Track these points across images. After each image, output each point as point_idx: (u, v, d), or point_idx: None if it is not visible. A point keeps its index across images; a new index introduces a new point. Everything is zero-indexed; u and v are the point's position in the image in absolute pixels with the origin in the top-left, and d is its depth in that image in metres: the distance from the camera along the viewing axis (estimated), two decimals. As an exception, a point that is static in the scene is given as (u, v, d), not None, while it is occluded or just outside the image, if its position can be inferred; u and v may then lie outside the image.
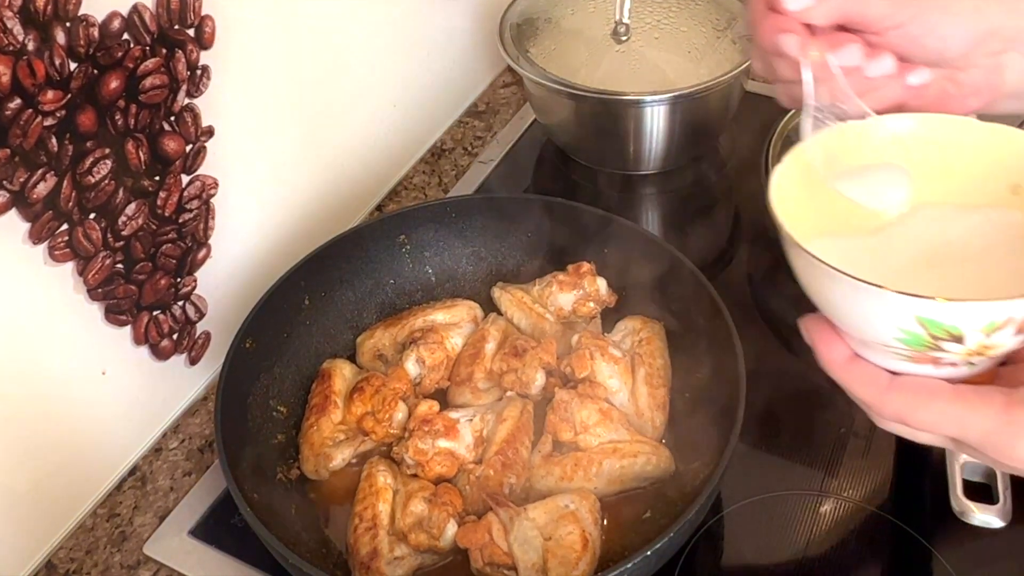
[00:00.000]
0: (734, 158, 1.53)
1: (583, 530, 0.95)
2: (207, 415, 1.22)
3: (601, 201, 1.23)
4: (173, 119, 1.02)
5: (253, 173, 1.19)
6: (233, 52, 1.08)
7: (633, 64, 1.42)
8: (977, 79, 0.76)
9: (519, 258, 1.26)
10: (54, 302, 0.99)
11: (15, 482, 1.02)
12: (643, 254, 1.16)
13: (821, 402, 1.16)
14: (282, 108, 1.21)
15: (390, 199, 1.50)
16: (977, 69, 0.75)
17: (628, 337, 1.14)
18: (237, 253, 1.21)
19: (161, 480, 1.16)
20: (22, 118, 0.86)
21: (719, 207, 1.49)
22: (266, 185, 1.23)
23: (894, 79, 0.75)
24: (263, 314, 1.11)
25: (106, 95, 0.93)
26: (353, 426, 1.08)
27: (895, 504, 1.05)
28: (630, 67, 1.41)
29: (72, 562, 1.08)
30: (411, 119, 1.52)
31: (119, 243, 1.01)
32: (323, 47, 1.25)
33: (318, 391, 1.12)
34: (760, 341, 1.22)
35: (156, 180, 1.03)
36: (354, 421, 1.07)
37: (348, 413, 1.09)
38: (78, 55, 0.89)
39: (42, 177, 0.90)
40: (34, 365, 1.00)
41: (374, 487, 1.02)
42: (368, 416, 1.06)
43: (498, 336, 1.16)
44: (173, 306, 1.13)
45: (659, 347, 1.12)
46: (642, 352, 1.11)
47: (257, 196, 1.22)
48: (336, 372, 1.13)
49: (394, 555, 0.97)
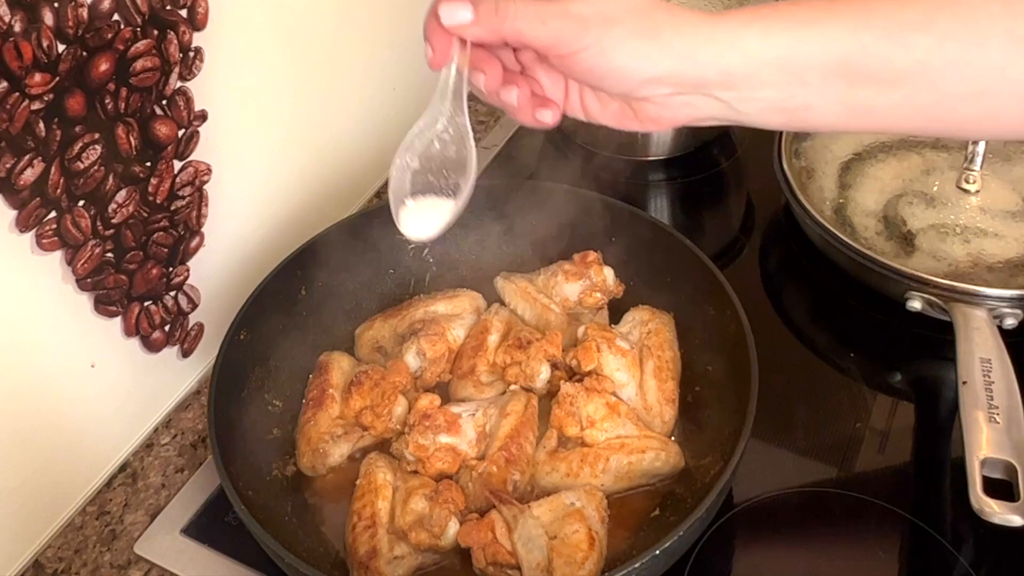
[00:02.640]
0: (746, 142, 1.52)
1: (589, 529, 0.94)
2: (200, 409, 1.22)
3: (607, 188, 1.23)
4: (165, 103, 1.02)
5: (248, 159, 1.19)
6: (227, 33, 1.07)
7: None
8: (651, 111, 0.81)
9: (523, 247, 1.26)
10: (42, 292, 0.99)
11: (1, 479, 1.02)
12: (652, 243, 1.16)
13: (836, 396, 1.17)
14: (278, 91, 1.21)
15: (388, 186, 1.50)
16: (651, 104, 0.80)
17: (636, 328, 1.14)
18: (231, 242, 1.21)
19: (152, 477, 1.15)
20: (8, 102, 0.85)
21: (730, 194, 1.49)
22: (261, 171, 1.23)
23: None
24: (258, 304, 1.11)
25: (95, 78, 0.93)
26: (351, 420, 1.08)
27: (913, 502, 1.05)
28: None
29: (60, 561, 1.08)
30: (412, 101, 1.51)
31: (109, 231, 1.01)
32: (321, 28, 1.25)
33: (315, 384, 1.12)
34: (773, 333, 1.23)
35: (147, 166, 1.03)
36: (352, 415, 1.07)
37: (346, 407, 1.09)
38: (67, 37, 0.89)
39: (29, 163, 0.89)
40: (21, 357, 1.00)
41: (373, 484, 1.01)
42: (367, 410, 1.06)
43: (501, 327, 1.16)
44: (165, 296, 1.12)
45: (668, 339, 1.12)
46: (651, 344, 1.11)
47: (252, 182, 1.22)
48: (334, 365, 1.13)
49: (393, 554, 0.97)
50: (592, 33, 0.77)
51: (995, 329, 1.08)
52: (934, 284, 1.13)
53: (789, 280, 1.34)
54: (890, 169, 1.33)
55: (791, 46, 0.79)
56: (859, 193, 1.31)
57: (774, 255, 1.37)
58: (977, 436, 0.97)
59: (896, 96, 0.80)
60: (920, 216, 1.27)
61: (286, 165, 1.28)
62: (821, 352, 1.25)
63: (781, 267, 1.35)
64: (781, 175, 1.27)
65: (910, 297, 1.15)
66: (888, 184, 1.31)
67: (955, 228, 1.25)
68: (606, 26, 0.78)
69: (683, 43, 0.79)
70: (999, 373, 1.02)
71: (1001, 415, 0.98)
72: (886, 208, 1.29)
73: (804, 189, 1.27)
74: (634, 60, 0.78)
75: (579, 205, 1.20)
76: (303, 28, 1.22)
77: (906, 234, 1.25)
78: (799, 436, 1.12)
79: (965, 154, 1.26)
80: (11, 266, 0.95)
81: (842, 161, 1.34)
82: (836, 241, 1.19)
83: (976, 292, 1.11)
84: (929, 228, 1.25)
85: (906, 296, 1.16)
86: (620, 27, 0.78)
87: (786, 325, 1.27)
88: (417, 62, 1.45)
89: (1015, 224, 1.24)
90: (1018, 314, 1.10)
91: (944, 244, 1.23)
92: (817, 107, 0.81)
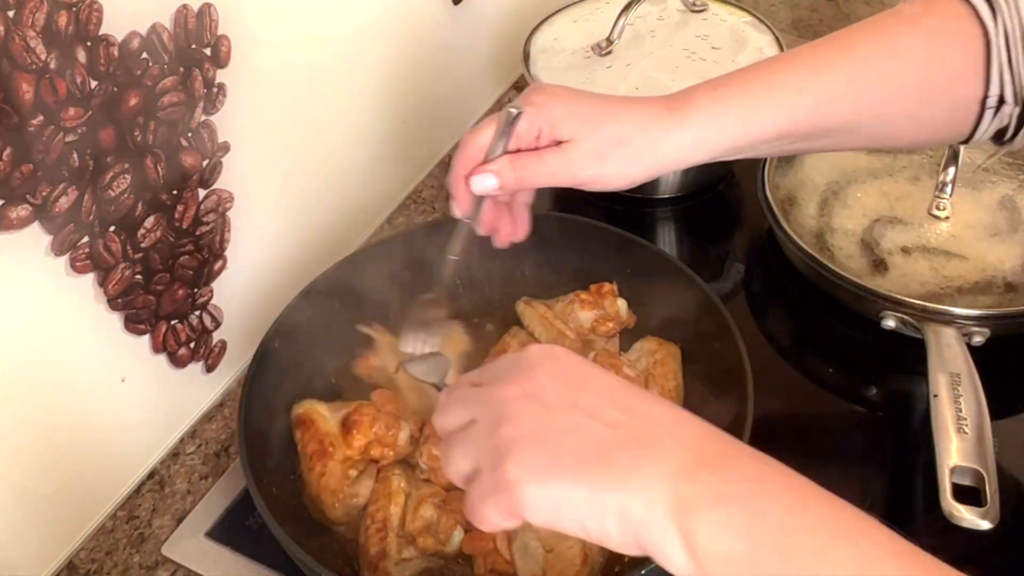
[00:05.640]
0: (749, 181, 1.52)
1: (584, 545, 0.95)
2: (223, 421, 1.22)
3: (614, 221, 1.22)
4: (190, 135, 1.03)
5: (267, 187, 1.20)
6: (248, 70, 1.08)
7: (650, 88, 1.40)
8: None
9: (542, 274, 1.25)
10: (75, 312, 1.00)
11: (38, 485, 1.02)
12: (663, 277, 1.15)
13: (816, 409, 1.17)
14: (295, 124, 1.22)
15: (399, 212, 1.51)
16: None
17: (644, 358, 1.13)
18: (252, 264, 1.21)
19: (179, 483, 1.16)
20: (45, 134, 0.86)
21: (736, 230, 1.48)
22: (280, 199, 1.24)
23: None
24: (293, 314, 1.11)
25: (126, 112, 0.93)
26: (360, 458, 1.06)
27: (887, 507, 1.06)
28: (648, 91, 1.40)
29: (93, 563, 1.09)
30: (421, 134, 1.52)
31: (138, 255, 1.01)
32: (335, 65, 1.26)
33: (307, 439, 1.06)
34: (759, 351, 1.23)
35: (174, 194, 1.03)
36: (358, 454, 1.05)
37: (349, 448, 1.05)
38: (99, 73, 0.90)
39: (64, 191, 0.90)
40: (56, 372, 1.00)
41: (388, 490, 1.02)
42: (374, 444, 1.05)
43: (518, 349, 1.15)
44: (190, 315, 1.13)
45: (673, 369, 1.12)
46: (656, 373, 1.10)
47: (271, 209, 1.22)
48: (316, 415, 1.08)
49: (402, 556, 0.97)
50: (590, 170, 0.91)
51: (964, 346, 1.08)
52: (907, 304, 1.13)
53: (772, 301, 1.34)
54: (868, 196, 1.33)
55: (740, 136, 0.92)
56: (838, 219, 1.31)
57: (759, 278, 1.37)
58: (947, 446, 0.98)
59: (824, 142, 0.95)
60: (895, 240, 1.27)
61: (303, 192, 1.28)
62: (802, 368, 1.25)
63: (765, 289, 1.36)
64: (765, 203, 1.27)
65: (885, 316, 1.15)
66: (866, 210, 1.32)
67: (927, 251, 1.25)
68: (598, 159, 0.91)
69: (652, 152, 0.91)
70: (968, 387, 1.02)
71: (969, 426, 0.99)
72: (863, 232, 1.29)
73: (786, 215, 1.28)
74: (619, 177, 0.92)
75: (597, 237, 1.20)
76: (318, 65, 1.22)
77: (881, 257, 1.25)
78: (782, 448, 1.11)
79: (936, 183, 1.27)
80: (47, 287, 0.96)
81: (823, 189, 1.35)
82: (816, 264, 1.19)
83: (946, 311, 1.11)
84: (903, 251, 1.26)
85: (881, 315, 1.16)
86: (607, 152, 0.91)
87: (770, 343, 1.27)
88: (425, 98, 1.47)
89: (982, 248, 1.25)
90: (985, 332, 1.10)
91: (916, 266, 1.24)
92: (758, 155, 0.96)
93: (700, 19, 1.48)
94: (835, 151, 1.04)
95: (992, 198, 1.30)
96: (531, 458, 0.63)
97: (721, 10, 1.49)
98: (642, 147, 0.91)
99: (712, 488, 0.60)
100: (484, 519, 0.65)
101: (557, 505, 0.62)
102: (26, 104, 0.84)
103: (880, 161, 1.37)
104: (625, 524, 0.61)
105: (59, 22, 0.84)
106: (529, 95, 0.94)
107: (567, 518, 0.62)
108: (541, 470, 0.63)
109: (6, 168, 0.84)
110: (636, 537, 0.61)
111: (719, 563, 0.58)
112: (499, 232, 1.00)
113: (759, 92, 0.90)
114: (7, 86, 0.82)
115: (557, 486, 0.62)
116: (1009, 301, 1.18)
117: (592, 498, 0.61)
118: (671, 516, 0.59)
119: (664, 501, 0.60)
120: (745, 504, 0.60)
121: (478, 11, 1.54)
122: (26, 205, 0.88)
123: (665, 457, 0.62)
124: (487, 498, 0.65)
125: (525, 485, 0.62)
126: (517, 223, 1.01)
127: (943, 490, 0.95)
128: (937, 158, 1.29)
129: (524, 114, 0.92)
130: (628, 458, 0.62)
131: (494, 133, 0.92)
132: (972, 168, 1.32)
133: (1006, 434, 1.08)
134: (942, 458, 0.97)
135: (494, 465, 0.64)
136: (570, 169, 0.91)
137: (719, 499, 0.60)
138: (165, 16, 0.96)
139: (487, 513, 0.65)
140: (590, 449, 0.63)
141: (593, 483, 0.61)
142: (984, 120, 0.90)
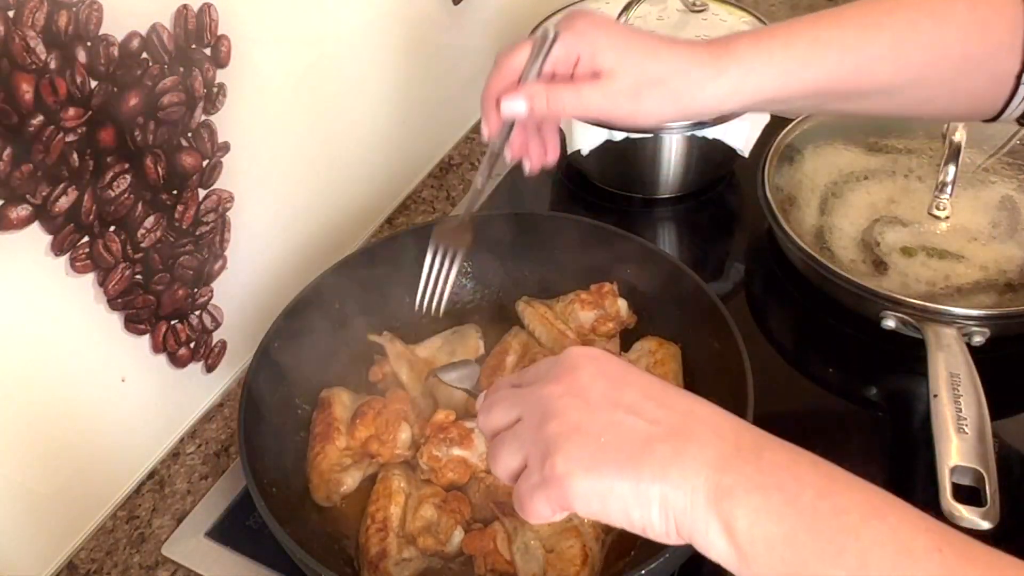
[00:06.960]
0: (749, 182, 1.51)
1: (584, 544, 0.94)
2: (223, 421, 1.21)
3: (614, 221, 1.22)
4: (190, 135, 1.02)
5: (267, 187, 1.19)
6: (248, 71, 1.08)
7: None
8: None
9: (542, 274, 1.24)
10: (75, 312, 0.99)
11: (38, 485, 1.02)
12: (664, 277, 1.15)
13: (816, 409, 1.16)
14: (295, 124, 1.21)
15: (399, 213, 1.50)
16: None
17: (644, 358, 1.12)
18: (252, 264, 1.20)
19: (178, 483, 1.15)
20: (44, 134, 0.86)
21: (736, 231, 1.48)
22: (280, 199, 1.23)
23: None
24: (295, 314, 1.10)
25: (126, 112, 0.93)
26: (358, 450, 1.06)
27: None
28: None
29: (93, 563, 1.08)
30: (420, 135, 1.51)
31: (138, 255, 1.01)
32: (335, 66, 1.25)
33: (320, 420, 1.09)
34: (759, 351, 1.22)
35: (174, 194, 1.03)
36: (359, 446, 1.06)
37: (352, 438, 1.07)
38: (98, 73, 0.89)
39: (64, 191, 0.90)
40: (56, 372, 1.00)
41: (388, 490, 1.01)
42: (373, 438, 1.05)
43: (519, 349, 1.15)
44: (190, 315, 1.12)
45: (673, 369, 1.11)
46: (656, 373, 1.09)
47: (271, 210, 1.22)
48: (336, 400, 1.10)
49: (402, 556, 0.96)
50: (625, 107, 0.90)
51: (964, 346, 1.07)
52: (907, 304, 1.12)
53: (772, 301, 1.34)
54: (868, 196, 1.33)
55: (779, 88, 0.90)
56: (838, 219, 1.30)
57: (759, 278, 1.36)
58: (947, 445, 0.97)
59: (858, 104, 0.94)
60: (895, 240, 1.26)
61: (303, 192, 1.28)
62: (802, 368, 1.25)
63: (765, 289, 1.35)
64: (765, 203, 1.27)
65: (885, 316, 1.15)
66: (865, 210, 1.31)
67: (927, 251, 1.24)
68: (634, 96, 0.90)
69: (691, 96, 0.90)
70: (967, 387, 1.02)
71: (969, 426, 0.98)
72: (863, 233, 1.28)
73: (786, 215, 1.27)
74: (653, 117, 0.91)
75: (598, 237, 1.19)
76: (318, 65, 1.22)
77: (881, 257, 1.24)
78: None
79: (936, 183, 1.26)
80: (47, 288, 0.95)
81: (822, 189, 1.34)
82: (816, 264, 1.19)
83: (946, 312, 1.10)
84: (902, 251, 1.25)
85: (881, 315, 1.15)
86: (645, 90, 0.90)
87: (770, 343, 1.27)
88: (424, 99, 1.47)
89: (982, 248, 1.24)
90: (985, 332, 1.10)
91: (916, 266, 1.23)
92: (789, 110, 0.97)
93: (700, 19, 1.47)
94: (863, 115, 1.06)
95: (992, 198, 1.30)
96: (578, 452, 0.65)
97: (721, 10, 1.48)
98: (680, 90, 0.90)
99: (749, 477, 0.63)
100: (534, 511, 0.67)
101: (603, 496, 0.64)
102: (26, 104, 0.83)
103: (880, 161, 1.37)
104: (667, 513, 0.63)
105: (59, 22, 0.84)
106: (572, 20, 0.92)
107: (613, 508, 0.64)
108: (588, 463, 0.65)
109: (6, 168, 0.84)
110: (678, 525, 0.63)
111: (758, 546, 0.61)
112: (530, 156, 0.99)
113: (803, 46, 0.89)
114: (7, 86, 0.82)
115: (603, 478, 0.64)
116: (1009, 301, 1.17)
117: (636, 489, 0.63)
118: (711, 504, 0.62)
119: (704, 490, 0.62)
120: (780, 490, 0.62)
121: (478, 11, 1.53)
122: (26, 205, 0.87)
123: (704, 449, 0.64)
124: (536, 491, 0.67)
125: (573, 478, 0.65)
126: (548, 146, 1.00)
127: (943, 490, 0.95)
128: (937, 158, 1.28)
129: (564, 39, 0.90)
130: (669, 451, 0.64)
131: (530, 54, 0.91)
132: (972, 168, 1.31)
133: (1006, 434, 1.08)
134: (942, 458, 0.97)
135: (542, 460, 0.67)
136: (607, 105, 0.90)
137: (755, 487, 0.62)
138: (165, 16, 0.95)
139: (537, 506, 0.67)
140: (633, 443, 0.65)
141: (637, 475, 0.64)
142: (1017, 96, 0.89)
